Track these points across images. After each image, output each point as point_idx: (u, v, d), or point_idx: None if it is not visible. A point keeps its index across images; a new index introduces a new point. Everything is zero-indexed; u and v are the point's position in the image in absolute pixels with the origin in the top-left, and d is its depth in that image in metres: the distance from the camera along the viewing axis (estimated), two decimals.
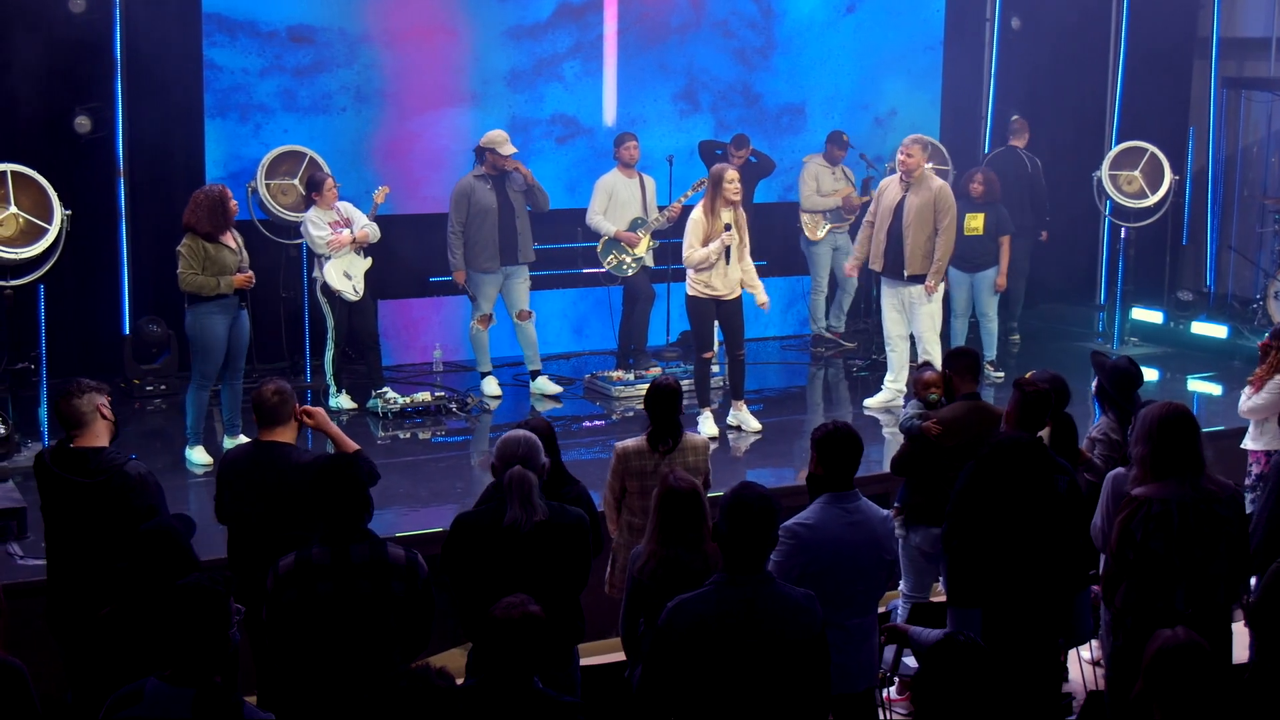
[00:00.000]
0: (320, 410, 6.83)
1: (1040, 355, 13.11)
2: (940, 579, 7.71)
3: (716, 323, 10.49)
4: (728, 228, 10.12)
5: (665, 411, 7.25)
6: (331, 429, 6.76)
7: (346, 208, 11.07)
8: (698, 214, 10.24)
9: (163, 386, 11.49)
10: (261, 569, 5.97)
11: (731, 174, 10.19)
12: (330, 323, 11.06)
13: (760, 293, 10.48)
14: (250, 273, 9.61)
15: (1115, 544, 5.79)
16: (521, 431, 6.02)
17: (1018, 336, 13.73)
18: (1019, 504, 6.24)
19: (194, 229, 9.44)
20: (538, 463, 5.87)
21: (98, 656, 5.47)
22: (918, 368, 8.67)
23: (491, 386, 11.80)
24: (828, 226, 13.32)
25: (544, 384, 11.86)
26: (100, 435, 6.28)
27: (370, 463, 6.44)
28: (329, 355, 11.17)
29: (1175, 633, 4.72)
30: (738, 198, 10.21)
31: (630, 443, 7.33)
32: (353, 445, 6.67)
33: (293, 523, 6.28)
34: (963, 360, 7.88)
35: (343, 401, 11.22)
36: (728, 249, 10.14)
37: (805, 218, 13.39)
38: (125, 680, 4.68)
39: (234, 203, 9.63)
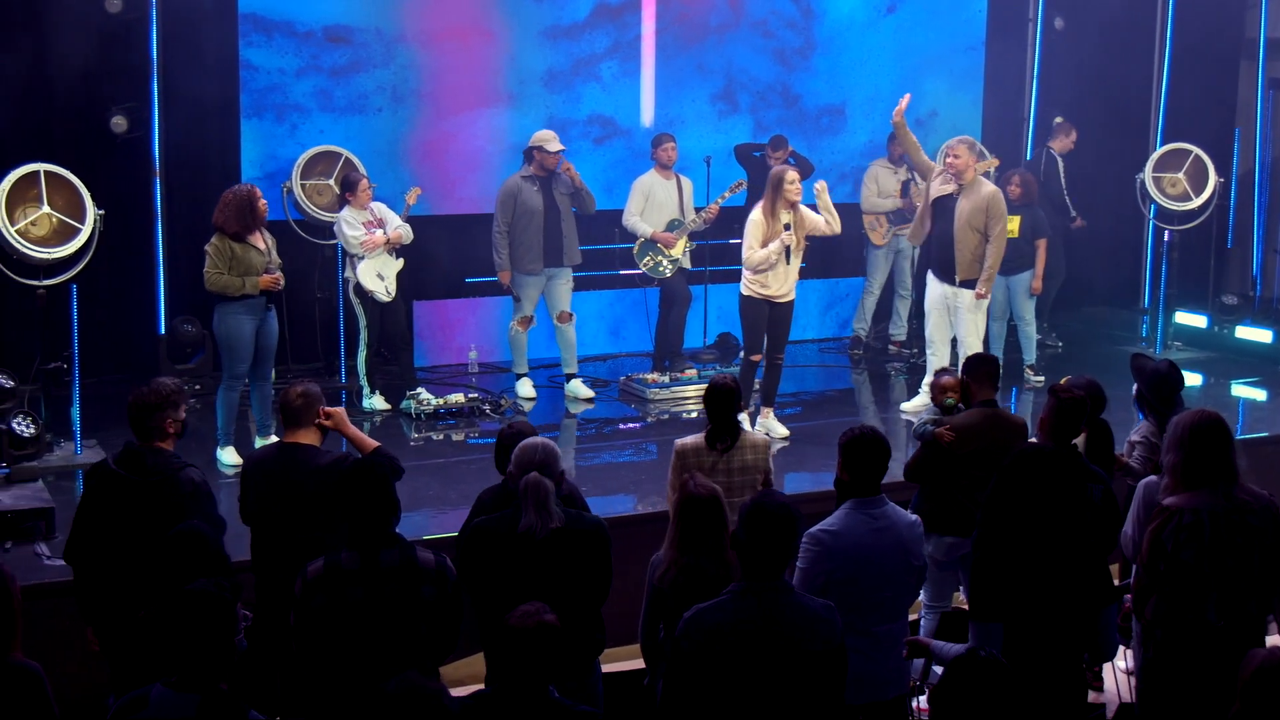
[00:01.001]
0: (339, 411, 6.76)
1: (1083, 359, 13.01)
2: (961, 588, 7.61)
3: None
4: (787, 227, 10.01)
5: (722, 410, 7.21)
6: (349, 430, 6.72)
7: (380, 208, 11.04)
8: (757, 215, 10.14)
9: (197, 386, 11.47)
10: (284, 571, 5.96)
11: (792, 175, 10.07)
12: (363, 323, 11.03)
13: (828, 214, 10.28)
14: (279, 274, 9.58)
15: (1146, 555, 5.67)
16: (540, 438, 5.94)
17: (1041, 336, 13.55)
18: (1044, 515, 6.11)
19: (222, 228, 9.46)
20: (555, 469, 5.79)
21: (139, 659, 5.41)
22: (936, 373, 8.56)
23: (526, 388, 11.77)
24: (891, 230, 13.16)
25: (578, 387, 11.79)
26: (165, 446, 6.28)
27: (392, 458, 6.40)
28: (362, 356, 11.14)
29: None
30: (798, 198, 10.09)
31: (689, 440, 7.29)
32: (371, 444, 6.62)
33: (315, 525, 6.26)
34: (982, 367, 7.78)
35: (376, 402, 11.19)
36: (787, 249, 10.05)
37: (867, 220, 13.25)
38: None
39: (263, 203, 9.61)
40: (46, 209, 9.54)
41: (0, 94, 11.12)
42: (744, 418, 10.26)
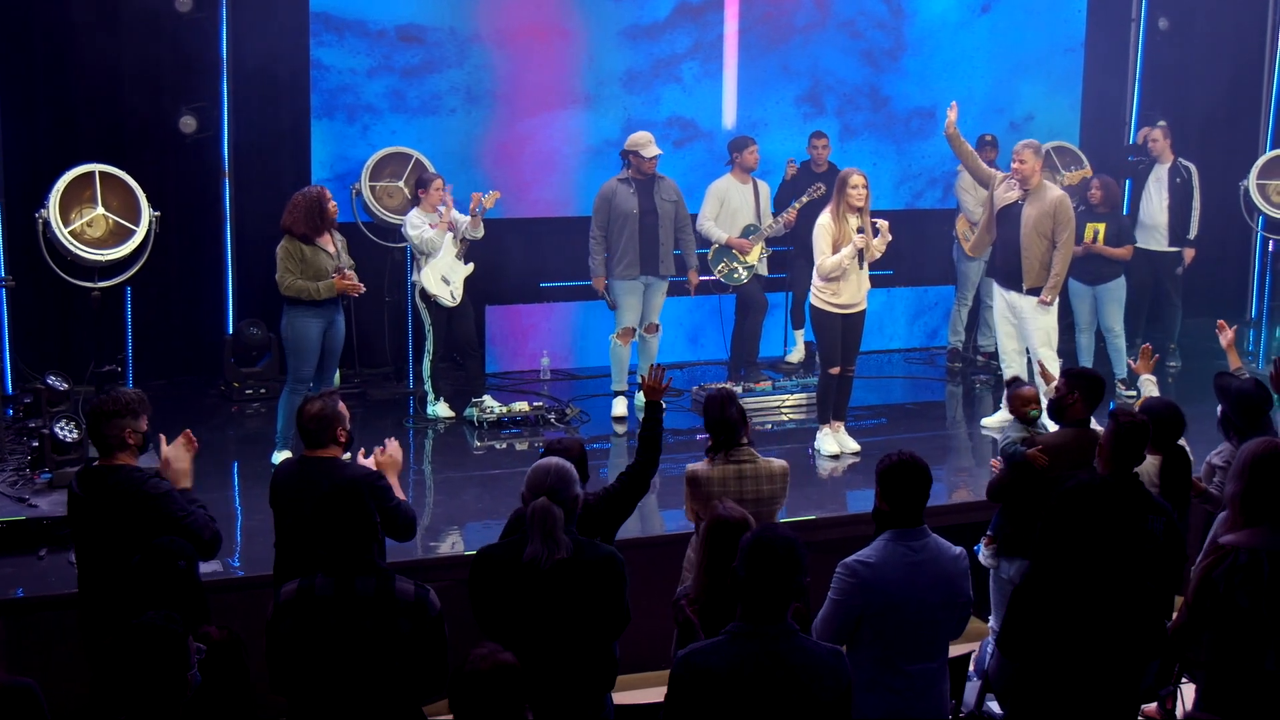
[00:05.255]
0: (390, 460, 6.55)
1: (1184, 374, 12.62)
2: None
3: None
4: (860, 230, 9.64)
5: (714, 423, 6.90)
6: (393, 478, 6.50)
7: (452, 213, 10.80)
8: (825, 220, 9.75)
9: (262, 390, 11.35)
10: None
11: (856, 178, 9.66)
12: (429, 328, 10.80)
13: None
14: (354, 278, 9.34)
15: (1193, 594, 5.23)
16: (554, 459, 5.61)
17: (1176, 363, 13.02)
18: (1096, 553, 5.61)
19: (290, 230, 9.28)
20: (568, 494, 5.44)
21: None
22: (1008, 383, 8.11)
23: (620, 407, 11.20)
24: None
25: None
26: (125, 459, 6.06)
27: (410, 518, 6.31)
28: (427, 361, 10.91)
29: None
30: (861, 204, 9.67)
31: (701, 465, 6.93)
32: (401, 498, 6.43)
33: None
34: (1083, 383, 7.30)
35: (440, 410, 10.95)
36: (860, 253, 9.67)
37: (964, 229, 12.77)
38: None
39: (333, 204, 9.41)
40: (101, 210, 9.43)
41: (70, 94, 11.13)
42: (829, 432, 9.99)
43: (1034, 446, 7.18)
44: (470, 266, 10.81)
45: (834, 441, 10.09)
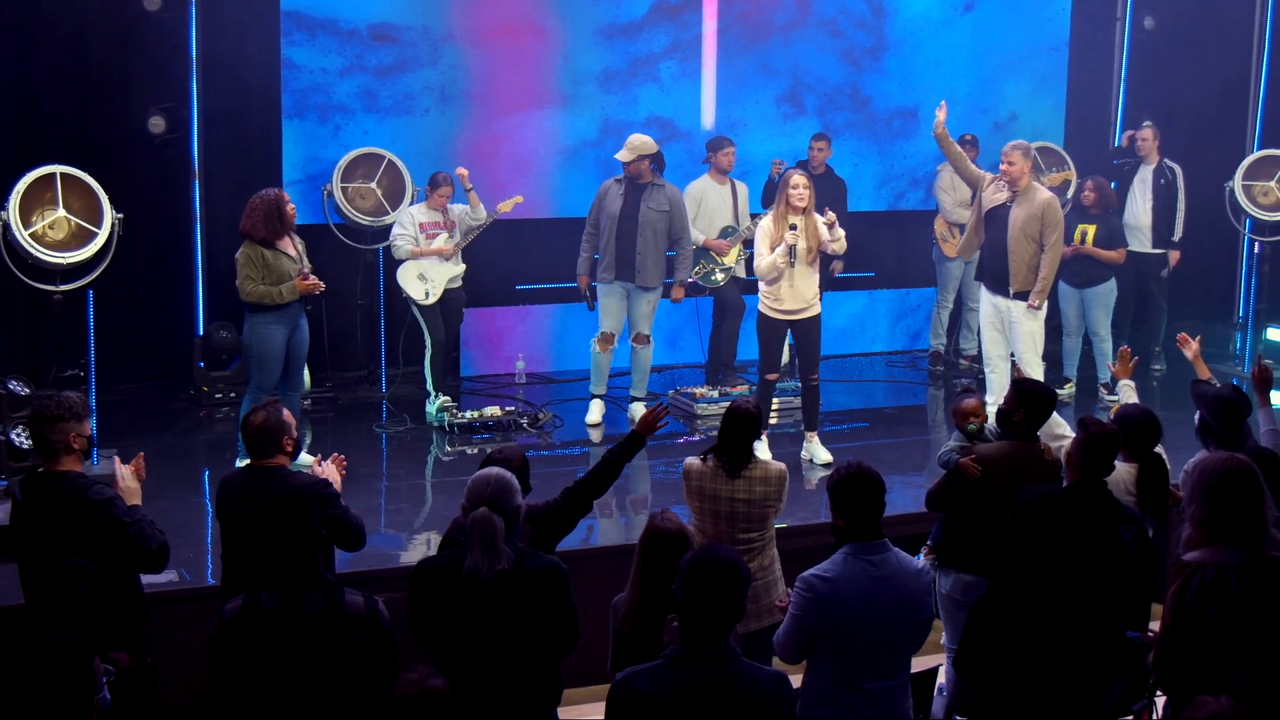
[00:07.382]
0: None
1: (1169, 377, 12.47)
2: None
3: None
4: (793, 228, 9.43)
5: (736, 436, 6.67)
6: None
7: (457, 210, 10.72)
8: (766, 222, 9.64)
9: (232, 394, 11.18)
10: None
11: (797, 179, 9.49)
12: (422, 326, 10.70)
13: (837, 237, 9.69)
14: (315, 278, 9.16)
15: (1169, 619, 5.06)
16: (495, 469, 5.46)
17: (1161, 366, 12.82)
18: (1061, 565, 5.43)
19: (250, 235, 9.10)
20: (509, 504, 5.28)
21: None
22: (959, 394, 7.91)
23: (594, 413, 10.96)
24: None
25: (638, 410, 11.06)
26: (71, 464, 5.91)
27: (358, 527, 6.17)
28: (427, 360, 10.78)
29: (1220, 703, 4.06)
30: (803, 204, 9.47)
31: (696, 461, 6.75)
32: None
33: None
34: (1027, 397, 7.13)
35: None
36: (791, 249, 9.45)
37: (943, 229, 12.61)
38: None
39: (291, 207, 9.24)
40: (62, 212, 9.26)
41: (37, 94, 10.97)
42: (761, 444, 9.79)
43: (968, 454, 7.04)
44: (462, 266, 10.68)
45: (766, 450, 9.87)
